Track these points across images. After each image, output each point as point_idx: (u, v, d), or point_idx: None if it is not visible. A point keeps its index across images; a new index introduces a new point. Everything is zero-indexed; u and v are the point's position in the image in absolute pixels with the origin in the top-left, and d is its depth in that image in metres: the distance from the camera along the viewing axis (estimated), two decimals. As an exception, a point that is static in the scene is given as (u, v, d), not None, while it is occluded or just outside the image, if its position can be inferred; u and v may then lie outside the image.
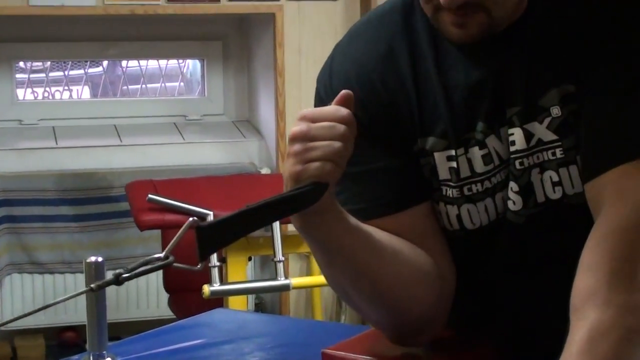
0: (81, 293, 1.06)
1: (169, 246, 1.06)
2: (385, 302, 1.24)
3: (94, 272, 1.33)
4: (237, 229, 1.09)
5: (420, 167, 1.29)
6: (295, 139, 1.11)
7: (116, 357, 1.39)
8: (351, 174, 1.28)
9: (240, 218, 1.08)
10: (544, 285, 1.15)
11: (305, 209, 1.13)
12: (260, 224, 1.13)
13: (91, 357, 1.37)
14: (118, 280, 1.05)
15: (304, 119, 1.12)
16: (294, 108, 3.71)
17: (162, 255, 1.07)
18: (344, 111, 1.12)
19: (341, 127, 1.11)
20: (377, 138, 1.28)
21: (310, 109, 1.14)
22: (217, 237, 1.07)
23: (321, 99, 1.32)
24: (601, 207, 1.16)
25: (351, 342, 1.34)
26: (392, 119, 1.28)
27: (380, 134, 1.28)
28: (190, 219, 1.06)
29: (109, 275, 1.15)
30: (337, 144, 1.10)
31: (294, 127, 1.12)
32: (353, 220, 1.20)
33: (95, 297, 1.36)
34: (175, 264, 1.06)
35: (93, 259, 1.33)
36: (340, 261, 1.21)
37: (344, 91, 1.13)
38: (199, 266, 1.07)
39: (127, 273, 1.05)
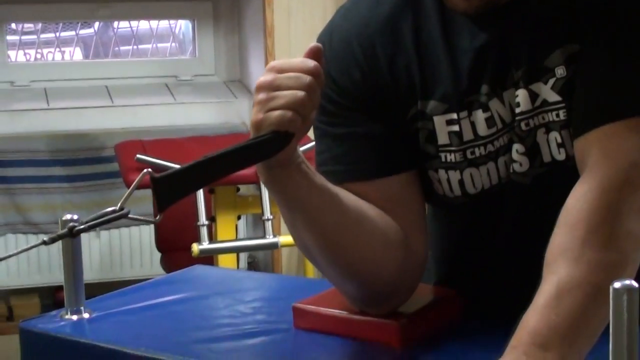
0: (34, 247, 1.07)
1: (123, 197, 1.06)
2: (346, 265, 1.24)
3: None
4: (196, 179, 1.09)
5: (416, 133, 1.29)
6: (260, 88, 1.11)
7: (93, 312, 1.41)
8: (334, 135, 1.29)
9: (198, 168, 1.07)
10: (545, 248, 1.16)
11: (267, 160, 1.13)
12: (221, 174, 1.12)
13: (68, 312, 1.40)
14: (72, 233, 1.06)
15: (271, 69, 1.12)
16: (284, 68, 3.70)
17: (117, 207, 1.07)
18: (311, 63, 1.12)
19: (306, 78, 1.11)
20: (368, 100, 1.28)
21: (278, 60, 1.14)
22: (175, 188, 1.06)
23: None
24: (585, 165, 1.17)
25: (322, 296, 1.36)
26: (389, 82, 1.28)
27: (373, 97, 1.28)
28: (145, 170, 1.06)
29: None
30: (300, 94, 1.10)
31: (261, 77, 1.13)
32: (320, 179, 1.20)
33: (71, 252, 1.39)
34: (130, 216, 1.07)
35: (69, 216, 1.35)
36: (303, 219, 1.21)
37: (313, 44, 1.14)
38: (157, 218, 1.07)
39: (81, 225, 1.06)
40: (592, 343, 1.10)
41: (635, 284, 0.86)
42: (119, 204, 1.07)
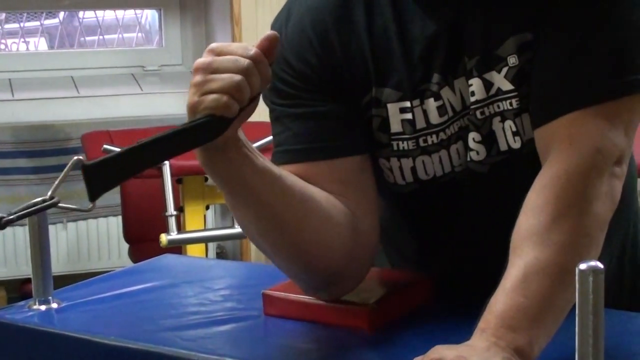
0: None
1: (53, 186, 1.04)
2: (291, 248, 1.23)
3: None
4: (130, 166, 1.05)
5: (369, 120, 1.29)
6: (197, 70, 1.09)
7: (62, 302, 1.41)
8: (293, 115, 1.29)
9: (131, 154, 1.04)
10: (507, 233, 1.16)
11: (204, 144, 1.10)
12: (156, 160, 1.09)
13: (37, 303, 1.39)
14: (0, 224, 1.04)
15: (211, 52, 1.10)
16: (251, 57, 3.70)
17: (47, 197, 1.05)
18: (251, 48, 1.10)
19: (244, 62, 1.08)
20: (326, 84, 1.28)
21: (218, 43, 1.12)
22: (107, 176, 1.03)
23: None
24: (549, 153, 1.17)
25: (291, 283, 1.35)
26: (344, 67, 1.28)
27: (330, 80, 1.28)
28: (75, 157, 1.04)
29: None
30: (236, 77, 1.07)
31: (199, 59, 1.11)
32: (261, 161, 1.18)
33: (39, 242, 1.38)
34: (60, 205, 1.05)
35: (31, 202, 1.34)
36: (245, 202, 1.19)
37: (269, 32, 1.12)
38: (89, 206, 1.05)
39: (9, 216, 1.04)
40: (560, 323, 1.11)
41: (601, 265, 0.86)
42: (48, 193, 1.04)
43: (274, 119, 1.31)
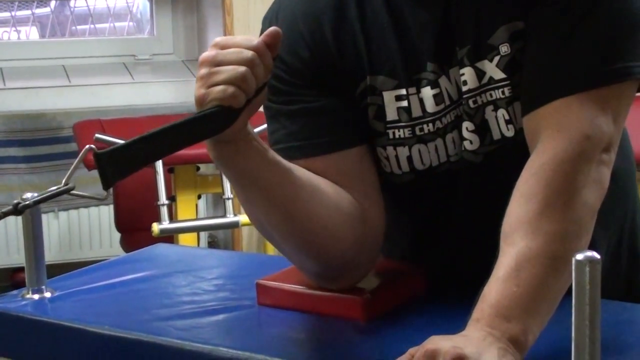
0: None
1: (68, 173, 1.04)
2: (302, 239, 1.24)
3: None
4: (141, 154, 1.06)
5: (365, 109, 1.29)
6: (202, 63, 1.11)
7: (55, 291, 1.40)
8: (288, 112, 1.29)
9: (142, 144, 1.05)
10: (501, 223, 1.17)
11: (214, 136, 1.12)
12: (167, 151, 1.10)
13: (30, 292, 1.39)
14: (17, 210, 1.04)
15: (215, 45, 1.12)
16: (243, 46, 3.69)
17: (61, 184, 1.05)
18: (254, 40, 1.11)
19: (248, 53, 1.10)
20: (319, 77, 1.28)
21: (222, 37, 1.13)
22: (120, 164, 1.04)
23: None
24: (538, 139, 1.17)
25: (285, 272, 1.35)
26: (337, 58, 1.28)
27: (323, 74, 1.28)
28: (87, 146, 1.04)
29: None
30: (241, 69, 1.09)
31: (204, 53, 1.12)
32: (271, 154, 1.19)
33: (32, 231, 1.38)
34: (74, 192, 1.05)
35: (28, 195, 1.34)
36: (255, 195, 1.20)
37: (272, 28, 1.13)
38: (105, 195, 1.05)
39: (26, 201, 1.04)
40: (552, 311, 1.11)
41: (597, 255, 0.86)
42: (63, 180, 1.05)
43: (270, 117, 1.32)
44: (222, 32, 3.78)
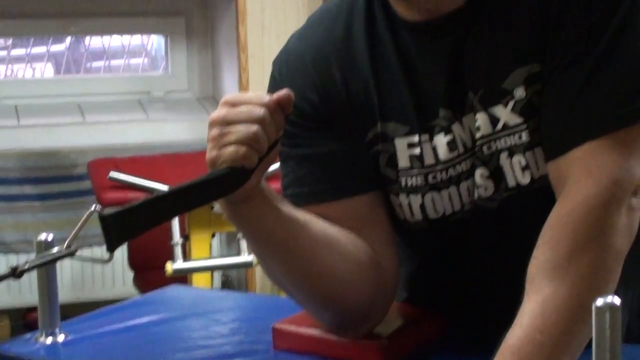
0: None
1: (71, 236, 1.02)
2: (320, 293, 1.23)
3: (44, 250, 1.33)
4: (148, 217, 1.03)
5: (376, 156, 1.28)
6: (213, 123, 1.09)
7: (69, 334, 1.39)
8: (297, 157, 1.28)
9: (150, 206, 1.02)
10: (519, 269, 1.15)
11: (227, 196, 1.10)
12: (176, 212, 1.08)
13: (43, 335, 1.38)
14: (15, 274, 1.01)
15: (225, 104, 1.10)
16: (257, 84, 3.70)
17: (63, 246, 1.03)
18: (266, 97, 1.10)
19: (260, 111, 1.08)
20: (328, 122, 1.27)
21: (232, 94, 1.12)
22: (126, 227, 1.01)
23: (275, 82, 1.31)
24: (565, 184, 1.16)
25: (301, 316, 1.34)
26: (346, 103, 1.27)
27: (332, 118, 1.27)
28: (93, 206, 1.02)
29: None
30: (253, 127, 1.07)
31: (214, 112, 1.11)
32: (286, 209, 1.18)
33: (46, 275, 1.37)
34: (78, 254, 1.02)
35: (43, 236, 1.33)
36: (271, 251, 1.19)
37: (284, 91, 1.11)
38: (108, 258, 1.03)
39: (25, 265, 1.01)
40: (576, 358, 1.10)
41: (617, 301, 0.85)
42: (66, 243, 1.02)
43: (281, 161, 1.31)
44: (236, 69, 3.78)
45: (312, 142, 1.27)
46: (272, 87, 1.29)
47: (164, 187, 2.93)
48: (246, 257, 3.08)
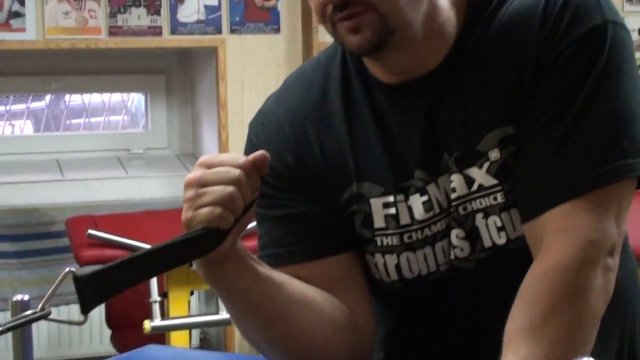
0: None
1: (45, 298, 1.01)
2: (295, 354, 1.22)
3: (20, 310, 1.32)
4: (123, 278, 1.02)
5: (351, 216, 1.28)
6: (188, 185, 1.10)
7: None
8: (273, 218, 1.28)
9: (125, 267, 1.02)
10: (496, 329, 1.15)
11: (202, 257, 1.10)
12: (152, 273, 1.07)
13: (17, 397, 1.36)
14: None
15: (200, 165, 1.11)
16: (237, 141, 3.71)
17: (37, 309, 1.02)
18: (241, 158, 1.11)
19: (235, 172, 1.09)
20: (304, 183, 1.27)
21: (208, 155, 1.13)
22: (100, 288, 1.00)
23: (252, 144, 1.31)
24: (541, 245, 1.16)
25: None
26: (322, 164, 1.28)
27: (308, 179, 1.27)
28: (67, 269, 1.01)
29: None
30: (228, 189, 1.07)
31: (189, 174, 1.11)
32: (262, 269, 1.18)
33: (21, 336, 1.35)
34: (52, 317, 1.01)
35: (19, 297, 1.32)
36: (248, 311, 1.19)
37: (260, 151, 1.12)
38: (82, 320, 1.01)
39: None
40: None
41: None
42: (39, 305, 1.01)
43: (257, 221, 1.31)
44: (216, 126, 3.79)
45: (288, 203, 1.27)
46: (249, 149, 1.29)
47: (143, 245, 2.91)
48: (225, 314, 3.05)
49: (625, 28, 1.20)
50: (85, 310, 1.00)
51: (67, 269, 1.00)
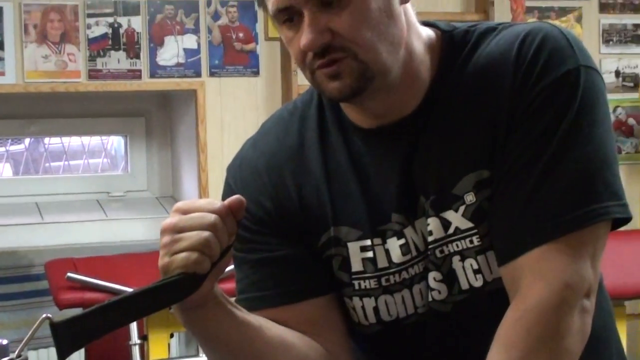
0: None
1: (22, 344, 1.02)
2: None
3: None
4: (100, 324, 1.04)
5: (329, 260, 1.29)
6: (164, 231, 1.11)
7: None
8: (251, 262, 1.29)
9: (102, 313, 1.03)
10: None
11: (180, 302, 1.11)
12: (129, 319, 1.09)
13: None
14: None
15: (176, 211, 1.12)
16: (217, 183, 3.72)
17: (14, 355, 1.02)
18: (217, 203, 1.12)
19: (211, 217, 1.10)
20: (281, 227, 1.29)
21: (183, 202, 1.14)
22: (78, 334, 1.01)
23: (230, 189, 1.32)
24: (518, 287, 1.17)
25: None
26: (300, 209, 1.29)
27: (285, 224, 1.29)
28: (44, 315, 1.02)
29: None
30: (204, 234, 1.09)
31: (165, 220, 1.12)
32: (240, 313, 1.19)
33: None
34: None
35: (-2, 341, 1.31)
36: (226, 356, 1.20)
37: (236, 196, 1.13)
38: None
39: None
40: None
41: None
42: (17, 351, 1.02)
43: (236, 266, 1.32)
44: (196, 169, 3.80)
45: (265, 247, 1.28)
46: (227, 193, 1.30)
47: (122, 288, 2.91)
48: (204, 356, 3.04)
49: (598, 72, 1.22)
50: (62, 356, 1.01)
51: (44, 315, 1.01)
